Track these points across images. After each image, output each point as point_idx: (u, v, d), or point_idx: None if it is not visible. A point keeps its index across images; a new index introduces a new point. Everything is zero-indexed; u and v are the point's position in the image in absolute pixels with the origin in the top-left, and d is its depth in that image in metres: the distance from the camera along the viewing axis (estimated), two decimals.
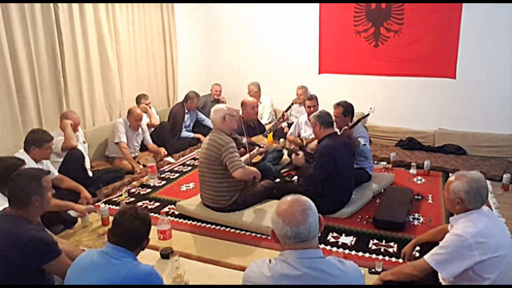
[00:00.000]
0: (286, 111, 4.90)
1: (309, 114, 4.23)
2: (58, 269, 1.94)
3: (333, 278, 1.39)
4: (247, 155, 3.61)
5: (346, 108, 3.81)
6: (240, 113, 4.27)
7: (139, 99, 5.00)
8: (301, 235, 1.41)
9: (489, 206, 3.49)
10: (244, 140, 3.65)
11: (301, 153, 3.54)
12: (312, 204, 1.48)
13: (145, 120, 4.81)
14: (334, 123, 3.58)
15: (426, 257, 1.89)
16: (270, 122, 5.76)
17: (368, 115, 3.94)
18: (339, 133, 3.64)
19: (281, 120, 4.93)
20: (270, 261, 1.47)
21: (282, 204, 1.47)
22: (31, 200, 1.96)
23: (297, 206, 1.44)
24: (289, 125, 5.19)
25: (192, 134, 5.47)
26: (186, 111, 5.42)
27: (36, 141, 3.10)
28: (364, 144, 3.75)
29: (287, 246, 1.44)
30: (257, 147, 3.72)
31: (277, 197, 3.48)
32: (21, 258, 1.86)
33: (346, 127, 3.66)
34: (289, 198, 1.49)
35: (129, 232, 1.76)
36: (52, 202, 2.93)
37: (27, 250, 1.86)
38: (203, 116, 5.69)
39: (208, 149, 3.22)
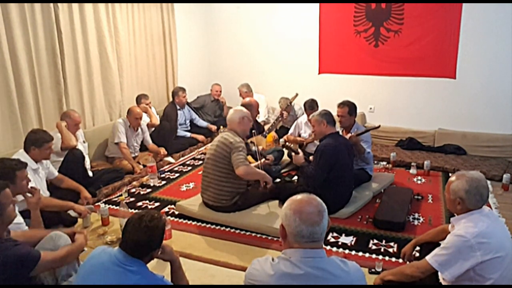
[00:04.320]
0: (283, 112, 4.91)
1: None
2: (45, 268, 1.90)
3: (335, 278, 1.40)
4: (256, 163, 3.58)
5: (351, 108, 3.86)
6: None
7: (139, 99, 5.00)
8: (315, 235, 1.42)
9: (489, 206, 3.50)
10: (254, 148, 3.64)
11: (300, 152, 3.55)
12: (325, 206, 1.50)
13: (145, 120, 4.81)
14: (338, 122, 3.58)
15: (428, 258, 1.88)
16: (267, 120, 5.79)
17: (379, 126, 4.01)
18: (341, 132, 3.65)
19: (280, 119, 4.94)
20: (273, 259, 1.47)
21: (298, 203, 1.47)
22: None
23: (313, 207, 1.46)
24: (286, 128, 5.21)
25: (188, 134, 5.46)
26: (178, 108, 5.40)
27: (36, 141, 3.09)
28: (368, 152, 3.79)
29: (296, 244, 1.44)
30: (263, 159, 3.74)
31: (277, 197, 3.48)
32: (2, 278, 1.77)
33: (353, 134, 3.68)
34: (303, 197, 1.50)
35: (135, 243, 1.71)
36: (52, 202, 2.97)
37: (4, 271, 1.76)
38: (194, 115, 5.67)
39: (218, 147, 3.22)
